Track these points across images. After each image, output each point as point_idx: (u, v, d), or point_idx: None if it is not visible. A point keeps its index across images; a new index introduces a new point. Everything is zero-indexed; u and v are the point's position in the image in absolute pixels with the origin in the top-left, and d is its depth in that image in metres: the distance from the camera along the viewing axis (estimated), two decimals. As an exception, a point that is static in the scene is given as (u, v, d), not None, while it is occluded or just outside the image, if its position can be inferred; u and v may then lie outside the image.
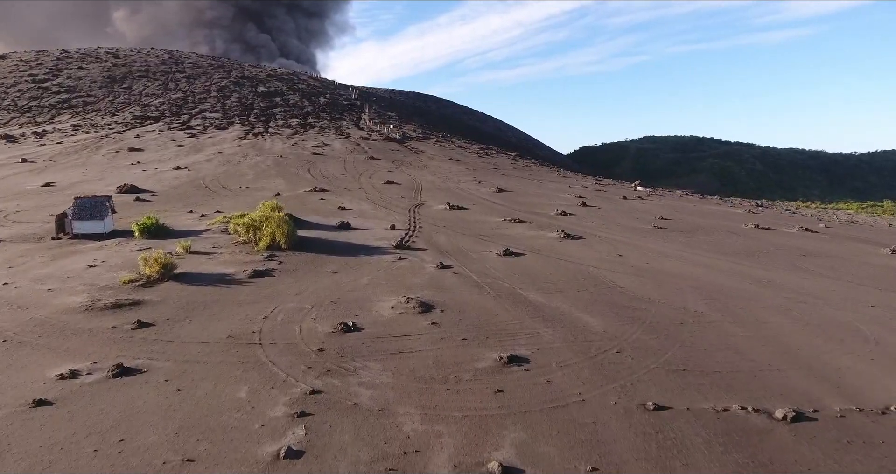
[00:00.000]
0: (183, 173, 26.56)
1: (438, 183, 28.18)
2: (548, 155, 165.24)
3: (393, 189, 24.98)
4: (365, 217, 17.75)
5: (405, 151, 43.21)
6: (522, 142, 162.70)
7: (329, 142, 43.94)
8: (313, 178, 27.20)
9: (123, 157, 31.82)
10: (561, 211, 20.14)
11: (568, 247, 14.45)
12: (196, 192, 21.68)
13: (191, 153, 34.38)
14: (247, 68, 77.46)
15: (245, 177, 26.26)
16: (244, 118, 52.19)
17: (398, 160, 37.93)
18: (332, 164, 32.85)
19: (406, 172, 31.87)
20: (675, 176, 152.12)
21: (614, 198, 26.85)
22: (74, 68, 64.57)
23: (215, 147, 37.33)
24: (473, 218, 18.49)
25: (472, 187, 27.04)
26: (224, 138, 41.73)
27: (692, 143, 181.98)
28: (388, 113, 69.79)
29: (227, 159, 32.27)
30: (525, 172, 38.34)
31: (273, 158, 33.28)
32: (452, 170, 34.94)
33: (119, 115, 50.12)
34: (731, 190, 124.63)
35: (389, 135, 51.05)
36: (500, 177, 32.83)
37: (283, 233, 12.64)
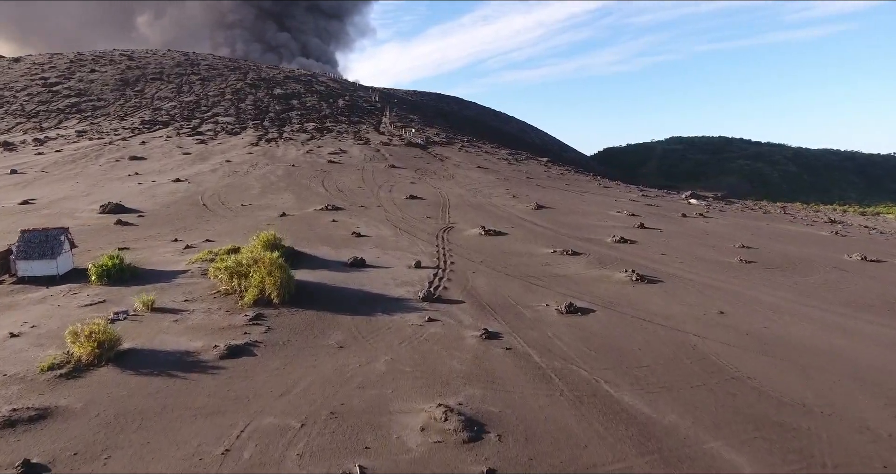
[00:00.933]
0: (181, 187, 23.93)
1: (468, 197, 25.06)
2: (573, 157, 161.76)
3: (416, 205, 21.93)
4: (384, 247, 14.70)
5: (429, 158, 40.21)
6: (547, 144, 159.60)
7: (347, 148, 41.18)
8: (326, 192, 24.32)
9: (122, 168, 29.44)
10: (619, 237, 16.82)
11: (647, 297, 11.18)
12: (190, 212, 18.92)
13: (196, 162, 31.89)
14: (264, 69, 75.49)
15: (250, 192, 23.49)
16: (258, 122, 49.82)
17: (421, 169, 34.94)
18: (349, 175, 29.99)
19: (431, 184, 28.83)
20: (703, 178, 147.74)
21: (672, 216, 23.37)
22: (87, 71, 63.21)
23: (223, 155, 34.83)
24: (515, 247, 15.30)
25: (506, 202, 23.85)
26: (234, 145, 39.27)
27: (721, 144, 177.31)
28: (409, 115, 66.97)
29: (233, 169, 29.65)
30: (561, 182, 35.00)
31: (284, 168, 30.57)
32: (482, 180, 31.79)
33: (128, 119, 48.19)
34: (763, 192, 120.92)
35: (411, 139, 48.13)
36: (535, 189, 29.57)
37: (276, 282, 9.64)
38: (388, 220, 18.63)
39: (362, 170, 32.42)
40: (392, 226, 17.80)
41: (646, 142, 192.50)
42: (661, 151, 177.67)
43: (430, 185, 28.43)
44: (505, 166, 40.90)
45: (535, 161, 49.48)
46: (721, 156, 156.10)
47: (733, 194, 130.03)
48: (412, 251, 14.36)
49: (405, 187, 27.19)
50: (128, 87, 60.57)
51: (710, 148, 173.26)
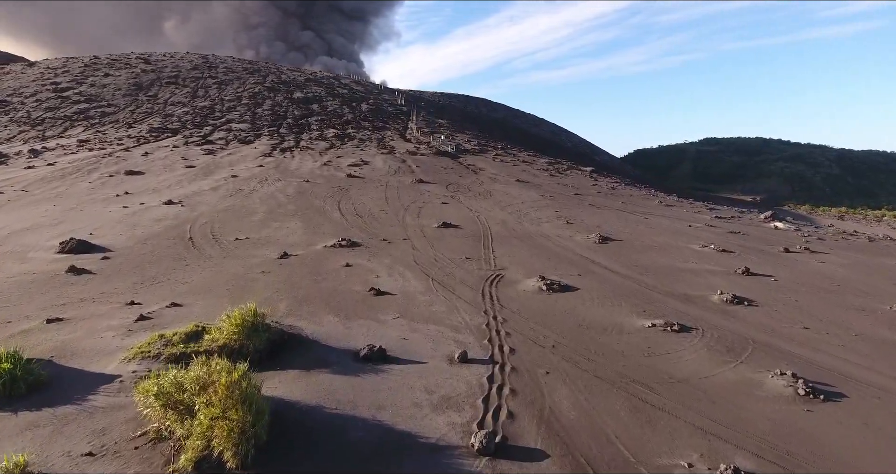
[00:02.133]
0: (172, 212, 20.44)
1: (512, 223, 20.99)
2: (605, 160, 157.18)
3: (451, 237, 17.95)
4: (413, 315, 10.75)
5: (460, 170, 36.25)
6: (578, 147, 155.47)
7: (369, 158, 37.52)
8: (342, 218, 20.54)
9: (113, 185, 26.24)
10: (729, 295, 12.52)
11: (841, 436, 6.99)
12: (169, 251, 15.29)
13: (198, 177, 28.54)
14: (284, 72, 72.74)
15: (251, 219, 19.85)
16: (274, 129, 46.61)
17: (453, 183, 30.98)
18: (371, 193, 26.22)
19: (465, 204, 24.85)
20: (740, 181, 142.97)
21: (771, 251, 18.86)
22: (101, 75, 61.22)
23: (231, 168, 31.47)
24: (595, 315, 11.19)
25: (561, 232, 19.69)
26: (245, 156, 35.97)
27: (758, 145, 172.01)
28: (437, 120, 63.22)
29: (238, 186, 26.15)
30: (615, 199, 30.62)
31: (297, 185, 26.97)
32: (524, 198, 27.70)
33: (136, 126, 45.50)
34: (804, 196, 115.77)
35: (441, 147, 44.27)
36: (590, 211, 25.32)
37: (233, 432, 5.76)
38: (416, 263, 14.68)
39: (386, 186, 28.62)
40: (422, 272, 13.83)
41: (678, 144, 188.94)
42: (695, 153, 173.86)
43: (465, 207, 24.42)
44: (547, 179, 36.66)
45: (579, 171, 45.07)
46: (758, 158, 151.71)
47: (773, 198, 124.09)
48: (452, 323, 10.35)
49: (436, 209, 23.25)
50: (141, 92, 58.27)
51: (746, 149, 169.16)
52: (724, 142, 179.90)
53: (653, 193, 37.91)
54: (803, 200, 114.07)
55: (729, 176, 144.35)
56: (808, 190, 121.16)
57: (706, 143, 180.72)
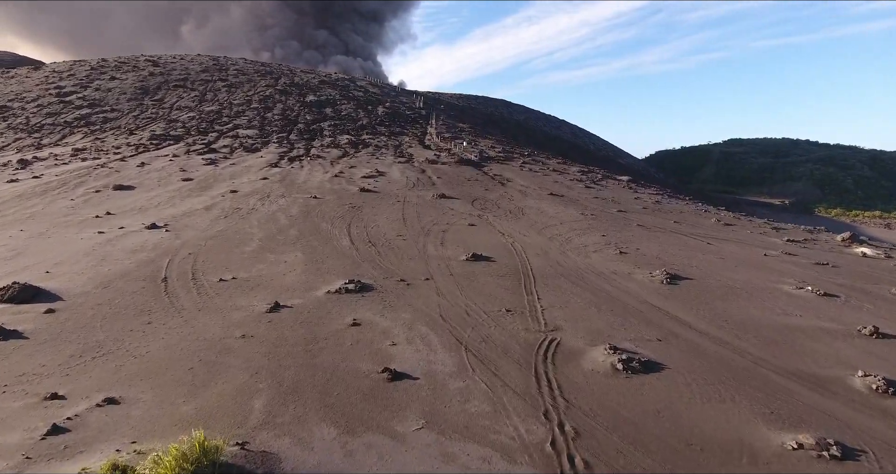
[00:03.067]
0: (152, 240, 17.57)
1: (555, 254, 17.73)
2: (630, 163, 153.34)
3: (484, 276, 14.77)
4: (441, 422, 7.61)
5: (486, 181, 33.05)
6: (601, 150, 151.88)
7: (385, 168, 34.53)
8: (352, 248, 17.48)
9: (96, 203, 23.57)
10: (881, 380, 9.16)
11: None
12: (133, 300, 12.35)
13: (193, 193, 25.77)
14: (297, 74, 70.31)
15: (244, 250, 16.88)
16: (283, 136, 43.92)
17: (480, 198, 27.78)
18: (386, 212, 23.16)
19: (496, 225, 21.64)
20: (767, 183, 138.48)
21: (881, 292, 15.30)
22: (106, 79, 59.30)
23: (232, 181, 28.68)
24: (702, 421, 7.97)
25: (617, 266, 16.38)
26: (249, 166, 33.22)
27: (785, 146, 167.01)
28: (458, 124, 60.13)
29: (236, 205, 23.28)
30: (666, 218, 27.12)
31: (302, 202, 24.03)
32: (563, 217, 24.40)
33: (137, 133, 43.15)
34: (836, 200, 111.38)
35: (463, 155, 41.14)
36: (642, 235, 21.93)
37: None
38: (443, 320, 11.51)
39: (403, 202, 25.53)
40: (451, 335, 10.67)
41: (702, 145, 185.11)
42: (719, 154, 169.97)
43: (496, 229, 21.20)
44: (583, 192, 33.26)
45: (615, 181, 41.53)
46: (786, 160, 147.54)
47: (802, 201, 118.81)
48: (501, 441, 7.17)
49: (462, 233, 20.07)
50: (147, 96, 56.15)
51: (773, 150, 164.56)
52: (749, 143, 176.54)
53: (701, 207, 34.25)
54: (834, 203, 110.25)
55: (755, 178, 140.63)
56: (838, 193, 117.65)
57: (731, 144, 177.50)
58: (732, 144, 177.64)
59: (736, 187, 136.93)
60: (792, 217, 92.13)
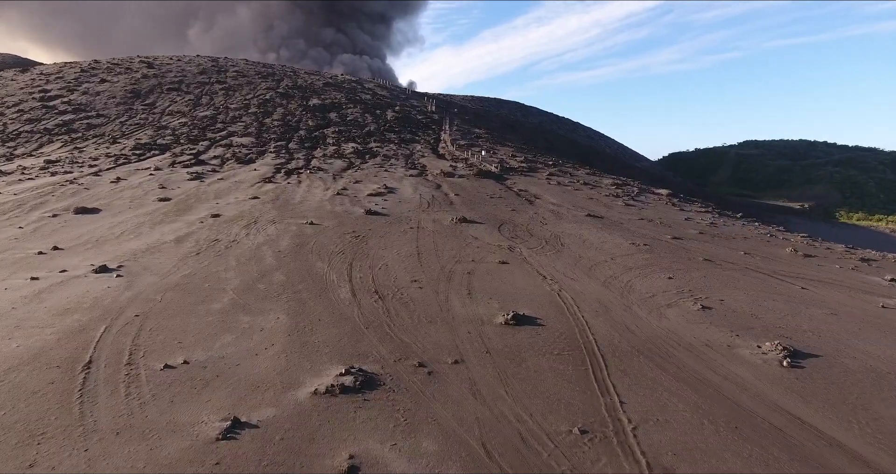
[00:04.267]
0: (93, 292, 13.79)
1: (619, 311, 13.74)
2: (647, 167, 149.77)
3: (533, 357, 10.83)
4: None
5: (511, 198, 29.08)
6: (618, 154, 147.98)
7: (395, 183, 30.68)
8: (352, 304, 13.61)
9: (47, 233, 19.86)
10: None
11: None
12: (26, 412, 8.55)
13: (168, 217, 22.01)
14: (301, 76, 66.82)
15: (210, 308, 13.04)
16: (282, 144, 40.22)
17: (507, 222, 23.80)
18: (397, 243, 19.28)
19: (533, 263, 17.65)
20: (785, 187, 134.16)
21: None
22: (96, 81, 56.07)
23: (216, 201, 24.93)
24: None
25: (706, 332, 12.37)
26: (240, 181, 29.49)
27: (803, 148, 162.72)
28: (474, 129, 56.25)
29: (214, 235, 19.47)
30: (732, 247, 22.99)
31: (296, 231, 20.20)
32: (611, 248, 20.39)
33: (121, 142, 39.64)
34: (857, 204, 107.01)
35: (482, 166, 37.22)
36: (714, 274, 17.82)
37: None
38: (488, 457, 7.54)
39: (418, 229, 21.63)
40: (506, 494, 6.67)
41: (717, 147, 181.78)
42: (735, 157, 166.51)
43: (535, 270, 17.20)
44: (623, 211, 29.19)
45: (654, 195, 37.39)
46: (805, 163, 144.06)
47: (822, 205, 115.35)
48: None
49: (494, 277, 16.11)
50: (137, 100, 52.82)
51: (790, 153, 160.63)
52: (765, 145, 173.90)
53: (761, 229, 30.00)
54: (856, 208, 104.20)
55: (773, 181, 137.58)
56: (860, 196, 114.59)
57: (747, 146, 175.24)
58: (748, 146, 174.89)
59: (753, 191, 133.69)
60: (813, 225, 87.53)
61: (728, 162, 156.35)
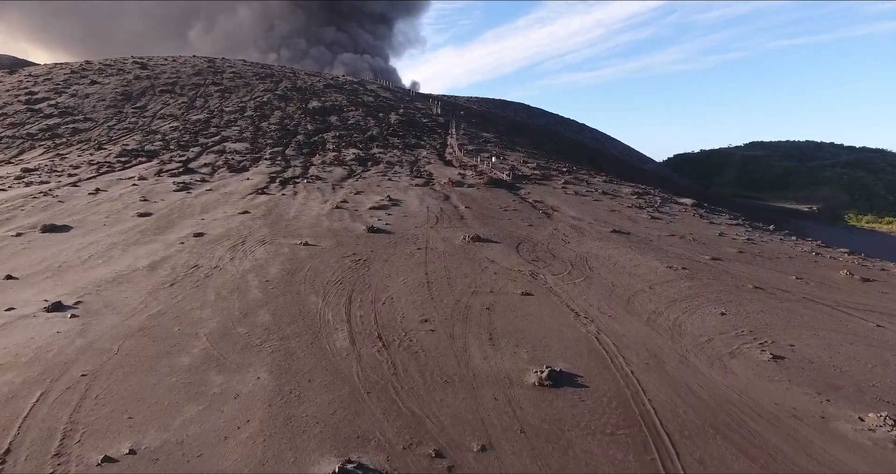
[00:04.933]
0: (38, 341, 11.51)
1: (674, 363, 11.44)
2: (654, 169, 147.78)
3: (581, 436, 8.54)
4: None
5: (527, 210, 26.78)
6: (625, 155, 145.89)
7: (400, 193, 28.42)
8: (351, 354, 11.36)
9: (4, 257, 17.55)
10: None
11: None
12: None
13: (145, 237, 19.76)
14: (301, 77, 64.71)
15: (175, 363, 10.77)
16: (279, 150, 38.02)
17: (526, 240, 21.50)
18: (403, 269, 17.01)
19: (563, 296, 15.33)
20: (792, 188, 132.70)
21: None
22: (86, 83, 54.02)
23: (202, 217, 22.69)
24: None
25: (787, 394, 9.97)
26: (230, 193, 27.27)
27: (809, 149, 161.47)
28: (481, 133, 54.00)
29: (194, 259, 17.22)
30: (780, 269, 20.66)
31: (287, 255, 17.92)
32: (647, 274, 18.07)
33: (107, 148, 37.50)
34: (866, 206, 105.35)
35: (492, 174, 34.96)
36: (771, 307, 15.46)
37: None
38: None
39: (426, 250, 19.34)
40: None
41: (722, 148, 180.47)
42: (740, 158, 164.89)
43: (565, 303, 14.89)
44: (650, 225, 26.87)
45: (678, 205, 35.03)
46: (811, 164, 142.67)
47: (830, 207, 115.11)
48: None
49: (518, 315, 13.81)
50: (128, 103, 50.73)
51: (796, 154, 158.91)
52: (771, 145, 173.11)
53: (802, 245, 27.59)
54: (864, 210, 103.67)
55: (779, 182, 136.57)
56: (868, 198, 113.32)
57: (752, 147, 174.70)
58: (754, 147, 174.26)
59: (759, 192, 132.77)
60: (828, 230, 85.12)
61: (733, 163, 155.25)
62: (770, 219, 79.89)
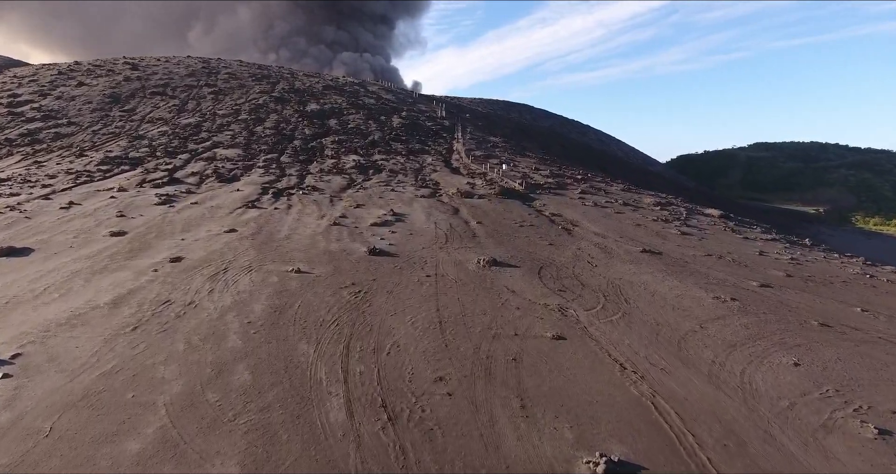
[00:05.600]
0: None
1: (759, 446, 9.00)
2: (660, 171, 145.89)
3: None
4: None
5: (544, 225, 24.44)
6: (630, 157, 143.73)
7: (404, 206, 26.10)
8: (349, 431, 9.00)
9: (-54, 288, 15.39)
10: None
11: None
12: None
13: (114, 262, 17.46)
14: (299, 78, 62.50)
15: (124, 442, 8.38)
16: (273, 157, 35.76)
17: (548, 264, 19.15)
18: (411, 305, 14.67)
19: (603, 342, 12.93)
20: (797, 190, 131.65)
21: None
22: (73, 85, 51.87)
23: (183, 236, 20.37)
24: None
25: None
26: (217, 206, 24.99)
27: (814, 150, 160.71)
28: (489, 137, 51.71)
29: (167, 292, 14.90)
30: (839, 297, 18.28)
31: (275, 287, 15.57)
32: (693, 308, 15.72)
33: (89, 154, 35.27)
34: (873, 208, 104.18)
35: (505, 183, 32.66)
36: (846, 352, 13.03)
37: None
38: None
39: (436, 278, 17.01)
40: None
41: (726, 149, 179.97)
42: (745, 159, 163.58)
43: (604, 350, 12.54)
44: (680, 241, 24.51)
45: (703, 216, 32.66)
46: (817, 165, 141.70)
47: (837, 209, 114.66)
48: None
49: (551, 366, 11.48)
50: (116, 106, 48.51)
51: (801, 155, 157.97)
52: (776, 147, 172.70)
53: (843, 259, 25.17)
54: (872, 212, 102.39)
55: (784, 184, 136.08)
56: (875, 200, 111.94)
57: (756, 148, 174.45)
58: (758, 148, 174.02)
59: (764, 194, 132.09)
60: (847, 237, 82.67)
61: (738, 164, 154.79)
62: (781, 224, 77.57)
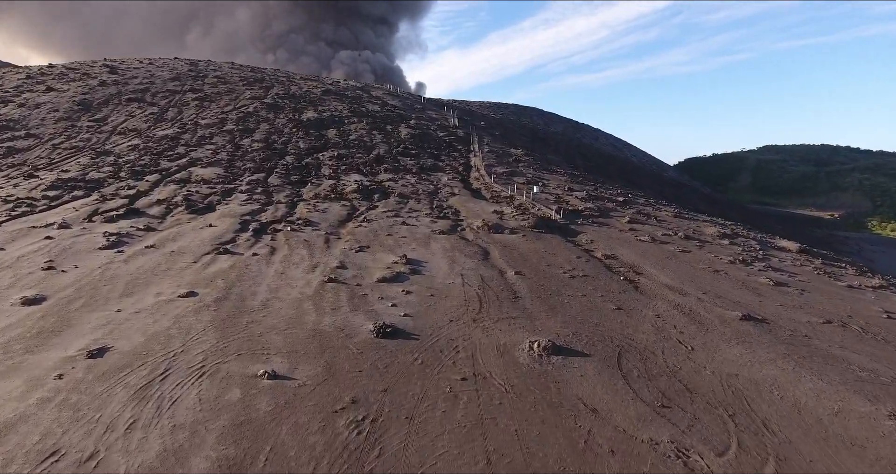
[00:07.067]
0: None
1: None
2: (674, 177, 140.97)
3: None
4: None
5: (600, 273, 19.14)
6: (644, 162, 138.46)
7: (419, 248, 20.82)
8: None
9: None
10: None
11: None
12: None
13: (7, 360, 12.38)
14: (296, 82, 57.50)
15: None
16: (260, 177, 30.61)
17: (626, 348, 13.87)
18: (444, 455, 9.55)
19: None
20: (810, 194, 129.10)
21: None
22: (40, 90, 46.94)
23: (122, 302, 15.16)
24: None
25: None
26: (180, 251, 19.79)
27: (826, 153, 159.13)
28: (509, 150, 46.48)
29: (59, 428, 9.59)
30: None
31: (235, 407, 10.04)
32: (865, 434, 10.54)
33: (40, 175, 30.20)
34: (890, 213, 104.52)
35: (539, 211, 27.43)
36: None
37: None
38: None
39: (475, 384, 11.77)
40: None
41: (735, 152, 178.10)
42: (755, 162, 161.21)
43: None
44: (778, 296, 19.19)
45: (779, 251, 27.34)
46: (830, 169, 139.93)
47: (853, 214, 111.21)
48: None
49: None
50: (84, 114, 43.55)
51: (813, 158, 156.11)
52: (786, 150, 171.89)
53: None
54: (889, 217, 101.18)
55: (796, 188, 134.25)
56: (892, 204, 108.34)
57: (766, 151, 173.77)
58: (767, 151, 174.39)
59: (775, 198, 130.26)
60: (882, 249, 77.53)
61: (748, 167, 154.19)
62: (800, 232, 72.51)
